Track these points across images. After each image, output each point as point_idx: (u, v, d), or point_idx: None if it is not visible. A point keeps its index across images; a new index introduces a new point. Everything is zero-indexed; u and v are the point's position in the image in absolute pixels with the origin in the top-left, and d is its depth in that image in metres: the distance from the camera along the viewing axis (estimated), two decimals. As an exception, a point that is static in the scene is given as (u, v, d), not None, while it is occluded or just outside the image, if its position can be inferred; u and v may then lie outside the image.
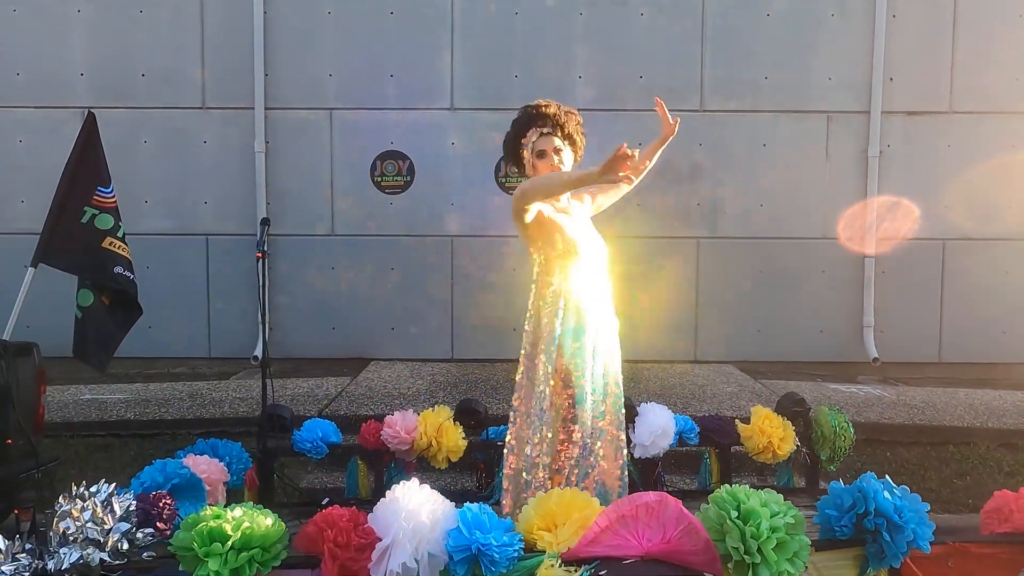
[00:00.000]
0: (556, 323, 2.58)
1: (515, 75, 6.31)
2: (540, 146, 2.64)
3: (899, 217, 6.34)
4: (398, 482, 3.44)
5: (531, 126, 2.66)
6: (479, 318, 6.41)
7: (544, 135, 2.64)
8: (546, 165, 2.63)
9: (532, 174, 2.72)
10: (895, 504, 1.94)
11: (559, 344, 2.56)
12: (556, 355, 2.57)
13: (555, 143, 2.64)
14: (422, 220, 6.40)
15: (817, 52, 6.30)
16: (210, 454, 2.79)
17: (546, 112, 2.64)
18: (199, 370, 6.43)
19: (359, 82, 6.33)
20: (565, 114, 2.67)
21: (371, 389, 5.34)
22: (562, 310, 2.60)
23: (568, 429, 2.58)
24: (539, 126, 2.64)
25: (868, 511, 1.95)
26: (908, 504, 1.96)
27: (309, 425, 3.41)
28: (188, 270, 6.40)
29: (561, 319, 2.59)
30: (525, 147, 2.67)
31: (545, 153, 2.63)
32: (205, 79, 6.32)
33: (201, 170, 6.38)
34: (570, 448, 2.52)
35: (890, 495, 1.99)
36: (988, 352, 6.45)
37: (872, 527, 1.94)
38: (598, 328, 2.65)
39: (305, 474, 4.19)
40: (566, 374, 2.57)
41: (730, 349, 6.41)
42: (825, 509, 2.05)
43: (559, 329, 2.57)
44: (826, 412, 3.45)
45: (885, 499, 1.95)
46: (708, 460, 3.51)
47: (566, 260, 2.61)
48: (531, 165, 2.69)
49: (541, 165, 2.65)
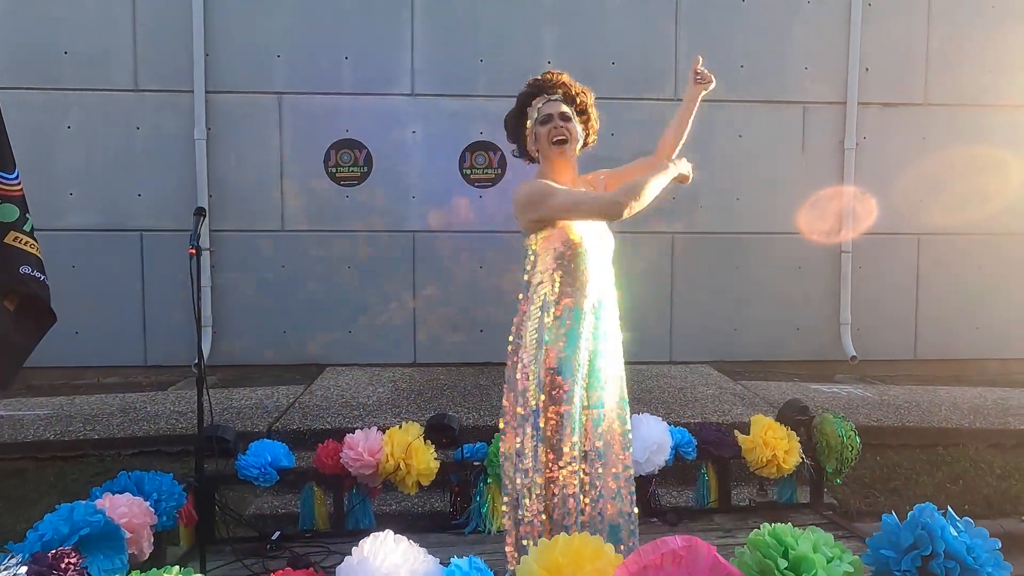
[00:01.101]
0: (545, 323, 2.21)
1: (480, 60, 5.90)
2: (546, 111, 2.28)
3: (875, 211, 6.19)
4: (361, 510, 3.06)
5: (538, 95, 2.30)
6: (444, 320, 6.00)
7: (552, 101, 2.29)
8: (549, 132, 2.26)
9: (532, 148, 2.34)
10: (967, 544, 1.63)
11: (549, 350, 2.18)
12: (544, 360, 2.19)
13: (563, 109, 2.28)
14: (381, 214, 5.94)
15: (793, 40, 6.10)
16: (133, 491, 2.31)
17: (556, 80, 2.31)
18: (133, 380, 5.83)
19: (311, 64, 5.82)
20: (580, 87, 2.35)
21: (327, 399, 4.87)
22: (554, 309, 2.22)
23: (558, 449, 2.20)
24: (549, 93, 2.30)
25: (936, 552, 1.63)
26: (980, 542, 1.66)
27: (256, 448, 2.96)
28: (120, 270, 5.79)
29: (552, 319, 2.21)
30: (529, 115, 2.30)
31: (551, 117, 2.26)
32: (137, 58, 5.71)
33: (133, 159, 5.77)
34: (557, 472, 2.14)
35: (956, 531, 1.68)
36: (962, 348, 6.37)
37: (942, 572, 1.63)
38: (597, 331, 2.28)
39: (253, 498, 3.71)
40: (556, 384, 2.19)
41: (706, 349, 6.16)
42: (880, 549, 1.74)
43: (547, 332, 2.19)
44: (831, 420, 3.18)
45: (953, 537, 1.64)
46: (706, 475, 3.19)
47: (569, 260, 2.23)
48: (531, 135, 2.31)
49: (543, 132, 2.27)
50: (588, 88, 2.37)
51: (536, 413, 2.16)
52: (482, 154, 5.94)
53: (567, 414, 2.14)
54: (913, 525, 1.69)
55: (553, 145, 2.26)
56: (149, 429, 4.33)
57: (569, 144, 2.28)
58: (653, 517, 3.07)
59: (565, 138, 2.26)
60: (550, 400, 2.16)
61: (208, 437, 2.79)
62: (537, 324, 2.23)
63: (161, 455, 4.18)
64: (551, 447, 2.16)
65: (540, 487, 2.16)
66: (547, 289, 2.23)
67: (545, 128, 2.27)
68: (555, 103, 2.29)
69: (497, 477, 2.97)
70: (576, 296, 2.22)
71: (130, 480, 2.38)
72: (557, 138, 2.26)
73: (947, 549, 1.62)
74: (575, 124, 2.30)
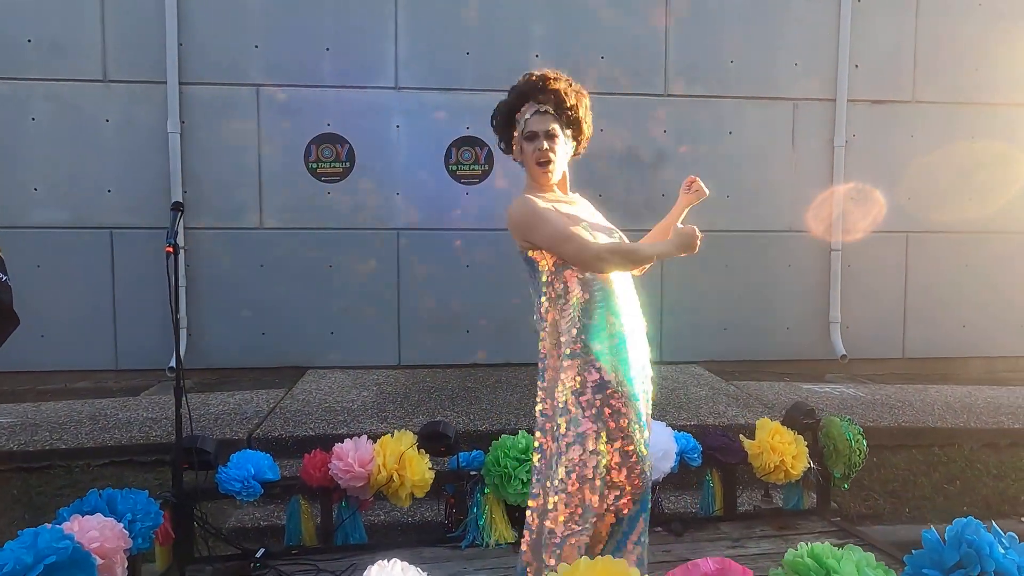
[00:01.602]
0: (586, 334, 2.06)
1: (467, 52, 5.74)
2: (532, 126, 2.12)
3: (865, 208, 6.16)
4: (351, 524, 2.89)
5: (528, 99, 2.13)
6: (429, 320, 5.82)
7: (540, 114, 2.12)
8: (533, 152, 2.12)
9: (516, 158, 2.22)
10: (1017, 562, 1.52)
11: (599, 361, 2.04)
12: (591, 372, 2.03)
13: (550, 126, 2.12)
14: (364, 212, 5.74)
15: (783, 36, 6.03)
16: (105, 511, 2.12)
17: (550, 86, 2.12)
18: (104, 384, 5.57)
19: (290, 55, 5.60)
20: (575, 94, 2.16)
21: (308, 403, 4.68)
22: (589, 318, 2.07)
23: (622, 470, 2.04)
24: (539, 101, 2.12)
25: (985, 572, 1.52)
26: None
27: (238, 459, 2.77)
28: (89, 269, 5.52)
29: (591, 330, 2.06)
30: (517, 123, 2.15)
31: (536, 136, 2.11)
32: (106, 46, 5.44)
33: (103, 153, 5.50)
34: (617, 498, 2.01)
35: (1003, 547, 1.57)
36: (949, 346, 6.37)
37: (991, 593, 1.51)
38: (633, 335, 2.15)
39: (233, 510, 3.51)
40: (615, 398, 2.03)
41: (696, 349, 6.06)
42: (923, 568, 1.62)
43: (594, 344, 2.05)
44: (838, 423, 3.09)
45: (1002, 555, 1.53)
46: (711, 482, 3.08)
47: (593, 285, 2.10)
48: (518, 147, 2.17)
49: (528, 150, 2.13)
50: (584, 91, 2.21)
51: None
52: (468, 150, 5.78)
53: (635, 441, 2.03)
54: (957, 542, 1.58)
55: (538, 166, 2.14)
56: (121, 437, 4.10)
57: (553, 165, 2.14)
58: (658, 526, 2.95)
59: (550, 160, 2.13)
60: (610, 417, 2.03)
61: (186, 449, 2.59)
62: (571, 337, 2.07)
63: (134, 465, 3.95)
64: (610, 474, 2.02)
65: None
66: (569, 300, 2.09)
67: (531, 146, 2.12)
68: (544, 117, 2.11)
69: (495, 487, 2.83)
70: (605, 301, 2.09)
71: (101, 499, 2.18)
72: (541, 160, 2.13)
73: (997, 568, 1.51)
74: (562, 141, 2.15)
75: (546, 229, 2.06)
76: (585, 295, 2.07)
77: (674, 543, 2.88)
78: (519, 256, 2.20)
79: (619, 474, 2.01)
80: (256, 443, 3.95)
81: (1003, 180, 6.29)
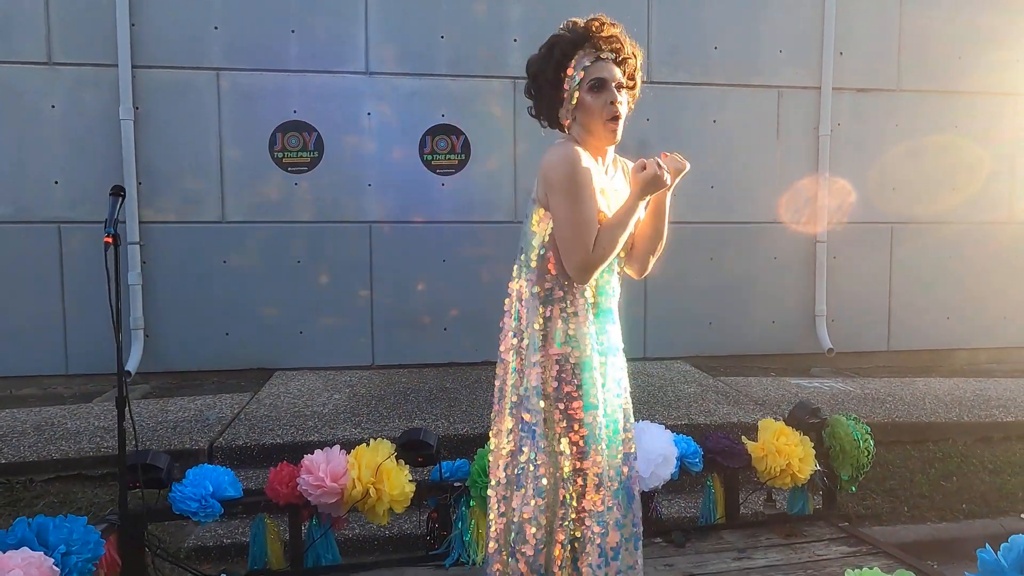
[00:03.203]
0: (551, 326, 1.85)
1: (441, 36, 5.45)
2: (597, 72, 1.78)
3: (850, 199, 6.04)
4: (323, 544, 2.61)
5: (581, 47, 1.79)
6: (404, 318, 5.54)
7: (602, 60, 1.79)
8: (603, 105, 1.78)
9: (566, 115, 1.84)
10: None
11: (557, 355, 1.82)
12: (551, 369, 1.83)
13: (618, 75, 1.81)
14: (334, 204, 5.43)
15: (768, 22, 5.86)
16: (33, 544, 1.82)
17: (606, 32, 1.79)
18: (53, 391, 5.18)
19: (253, 37, 5.26)
20: (632, 45, 1.85)
21: (276, 408, 4.37)
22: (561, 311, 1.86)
23: (577, 477, 1.83)
24: (596, 50, 1.79)
25: (1057, 599, 1.32)
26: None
27: (195, 475, 2.48)
28: (35, 266, 5.12)
29: (558, 321, 1.85)
30: (569, 77, 1.80)
31: (604, 84, 1.77)
32: (51, 26, 5.04)
33: (48, 142, 5.10)
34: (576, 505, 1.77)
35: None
36: (933, 338, 6.29)
37: (1066, 624, 1.32)
38: (606, 331, 1.93)
39: (193, 527, 3.21)
40: (568, 401, 1.83)
41: (680, 344, 5.89)
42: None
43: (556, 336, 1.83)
44: (844, 423, 2.90)
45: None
46: (712, 488, 2.87)
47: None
48: (575, 100, 1.80)
49: (596, 103, 1.78)
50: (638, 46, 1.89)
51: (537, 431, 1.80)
52: (444, 138, 5.51)
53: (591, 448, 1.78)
54: (1019, 562, 1.38)
55: (607, 123, 1.81)
56: (68, 450, 3.75)
57: (623, 122, 1.83)
58: (657, 537, 2.73)
59: (620, 116, 1.81)
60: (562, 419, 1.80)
61: (132, 466, 2.30)
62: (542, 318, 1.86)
63: (83, 480, 3.62)
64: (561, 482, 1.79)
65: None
66: (548, 287, 1.86)
67: (599, 98, 1.78)
68: (608, 64, 1.79)
69: (481, 499, 2.58)
70: (585, 292, 1.86)
71: (30, 529, 1.88)
72: (614, 115, 1.80)
73: (1072, 595, 1.31)
74: (626, 98, 1.84)
75: (567, 210, 1.76)
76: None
77: (676, 555, 2.66)
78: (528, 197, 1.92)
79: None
80: (218, 453, 3.66)
81: (987, 170, 6.23)
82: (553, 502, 1.82)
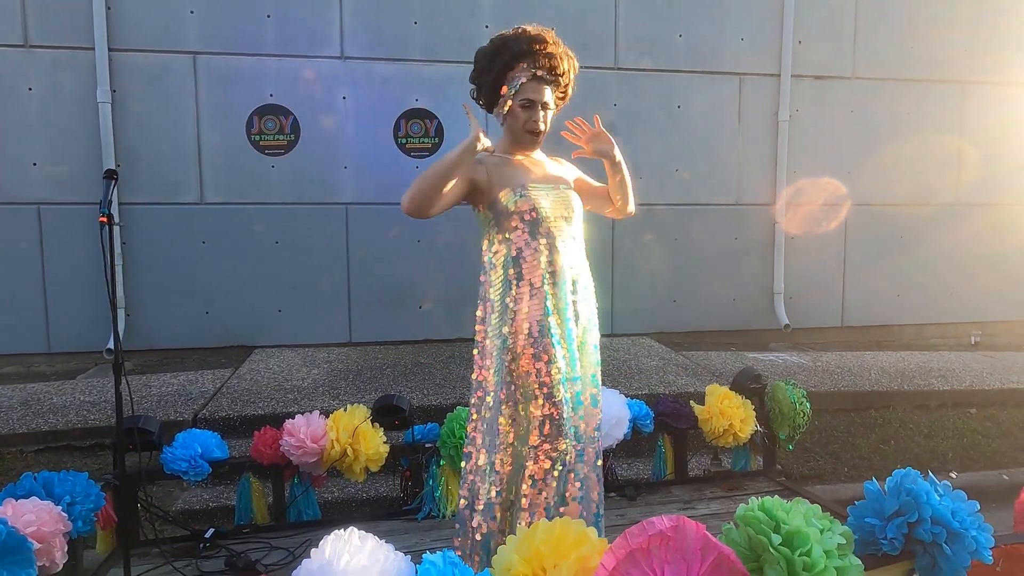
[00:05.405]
0: (509, 300, 2.06)
1: (415, 22, 5.60)
2: (529, 94, 2.05)
3: (808, 183, 6.33)
4: (304, 501, 2.84)
5: (523, 60, 2.04)
6: (379, 296, 5.73)
7: (537, 80, 2.05)
8: (526, 121, 2.07)
9: (499, 113, 2.11)
10: (951, 508, 1.60)
11: (520, 327, 2.03)
12: (515, 340, 2.04)
13: (547, 97, 2.09)
14: (310, 186, 5.59)
15: (730, 11, 6.09)
16: (41, 494, 2.02)
17: (547, 50, 2.04)
18: (36, 369, 5.31)
19: (229, 21, 5.36)
20: (568, 59, 2.11)
21: (257, 383, 4.56)
22: (517, 283, 2.07)
23: (544, 433, 2.04)
24: (534, 67, 2.04)
25: (922, 518, 1.59)
26: (963, 506, 1.63)
27: (184, 438, 2.68)
28: (16, 247, 5.22)
29: (515, 296, 2.06)
30: (509, 83, 2.06)
31: (533, 105, 2.07)
32: (27, 8, 5.09)
33: (26, 124, 5.18)
34: (543, 460, 2.00)
35: (938, 494, 1.65)
36: (884, 315, 6.65)
37: (928, 538, 1.59)
38: (573, 301, 2.14)
39: (180, 492, 3.42)
40: (531, 367, 2.03)
41: (645, 321, 6.17)
42: (865, 517, 1.69)
43: (517, 309, 2.04)
44: (783, 387, 3.18)
45: (938, 501, 1.61)
46: (662, 447, 3.14)
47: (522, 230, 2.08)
48: (507, 110, 2.08)
49: (521, 117, 2.07)
50: (573, 55, 2.14)
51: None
52: (418, 122, 5.67)
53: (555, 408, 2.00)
54: (897, 492, 1.65)
55: (526, 133, 2.10)
56: (56, 422, 3.92)
57: (543, 136, 2.13)
58: (611, 492, 3.00)
59: (541, 131, 2.11)
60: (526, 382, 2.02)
61: (127, 429, 2.49)
62: (502, 291, 2.07)
63: (72, 450, 3.80)
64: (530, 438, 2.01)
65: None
66: (502, 259, 2.07)
67: (525, 114, 2.08)
68: (540, 86, 2.06)
69: (451, 459, 2.82)
70: (540, 269, 2.08)
71: (36, 482, 2.07)
72: (534, 131, 2.10)
73: (933, 515, 1.58)
74: (551, 112, 2.14)
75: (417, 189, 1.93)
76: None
77: (627, 507, 2.93)
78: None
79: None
80: (202, 424, 3.84)
81: (935, 155, 6.56)
82: (518, 453, 2.04)
